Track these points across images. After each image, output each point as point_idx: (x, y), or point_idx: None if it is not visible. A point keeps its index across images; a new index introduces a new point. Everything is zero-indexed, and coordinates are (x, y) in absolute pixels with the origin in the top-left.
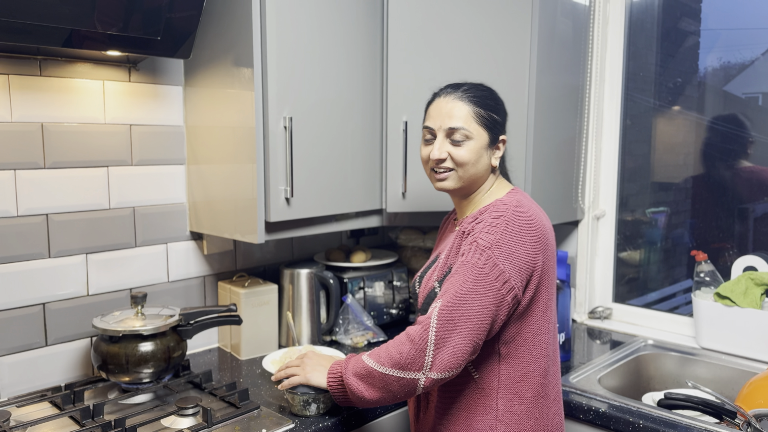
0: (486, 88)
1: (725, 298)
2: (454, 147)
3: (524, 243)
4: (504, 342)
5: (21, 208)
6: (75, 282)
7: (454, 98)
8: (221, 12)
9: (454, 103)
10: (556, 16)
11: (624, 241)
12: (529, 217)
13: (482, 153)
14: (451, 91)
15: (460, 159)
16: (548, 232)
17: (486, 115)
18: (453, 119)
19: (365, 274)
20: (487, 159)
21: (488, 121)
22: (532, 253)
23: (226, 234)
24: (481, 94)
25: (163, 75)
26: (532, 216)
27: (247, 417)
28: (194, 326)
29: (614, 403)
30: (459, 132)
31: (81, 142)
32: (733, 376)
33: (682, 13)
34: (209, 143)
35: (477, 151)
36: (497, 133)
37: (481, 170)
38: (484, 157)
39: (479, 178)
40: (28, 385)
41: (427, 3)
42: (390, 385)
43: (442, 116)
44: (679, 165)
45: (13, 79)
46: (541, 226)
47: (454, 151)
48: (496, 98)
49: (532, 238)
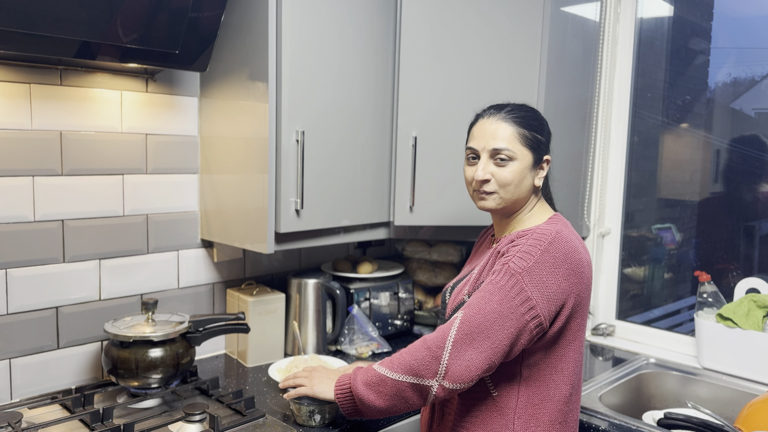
0: (530, 108)
1: (727, 319)
2: (497, 168)
3: (557, 274)
4: (527, 365)
5: (38, 214)
6: (88, 287)
7: (497, 119)
8: (238, 26)
9: (498, 124)
10: (566, 34)
11: (628, 257)
12: (567, 250)
13: (526, 174)
14: (494, 112)
15: (503, 180)
16: (585, 264)
17: (530, 136)
18: (497, 140)
19: (371, 285)
20: (530, 180)
21: (532, 142)
22: (565, 285)
23: (237, 243)
24: (525, 115)
25: (179, 86)
26: (570, 248)
27: (252, 425)
28: (203, 333)
29: (615, 421)
30: (503, 153)
31: (98, 151)
32: (734, 397)
33: (692, 32)
34: (222, 154)
35: (521, 172)
36: (541, 153)
37: (524, 191)
38: (528, 178)
39: (521, 199)
40: (39, 386)
41: (439, 22)
42: (402, 392)
43: (486, 137)
44: (685, 182)
45: (35, 88)
46: (578, 260)
47: (497, 172)
48: (539, 118)
49: (567, 271)
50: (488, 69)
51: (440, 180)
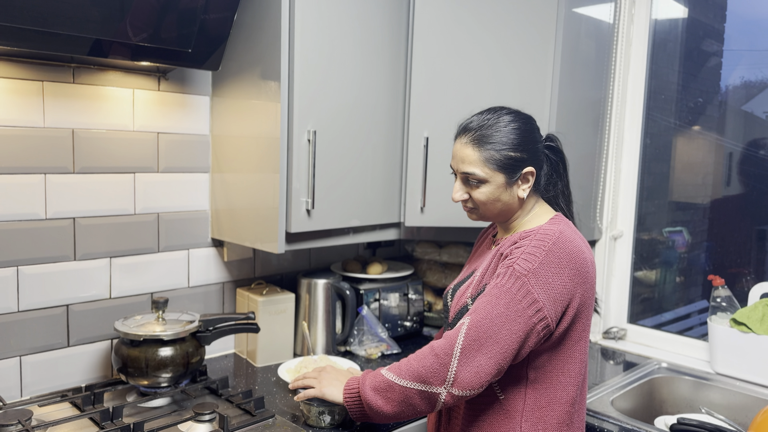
0: (507, 120)
1: (741, 324)
2: (472, 189)
3: (562, 275)
4: (533, 367)
5: (50, 212)
6: (98, 285)
7: (465, 143)
8: (250, 25)
9: (465, 149)
10: (580, 35)
11: (639, 260)
12: (570, 250)
13: (500, 193)
14: (463, 134)
15: (478, 200)
16: (589, 264)
17: (499, 157)
18: (465, 165)
19: (381, 286)
20: (508, 195)
21: (502, 163)
22: (570, 285)
23: (247, 243)
24: (493, 134)
25: (191, 85)
26: (574, 248)
27: (262, 425)
28: (213, 333)
29: (626, 426)
30: (471, 177)
31: (109, 149)
32: (747, 402)
33: (705, 34)
34: (233, 153)
35: (492, 193)
36: (516, 169)
37: (506, 204)
38: (504, 195)
39: (508, 210)
40: (48, 384)
41: (452, 22)
42: (410, 398)
43: (456, 161)
44: (697, 185)
45: (47, 85)
46: (581, 259)
47: (472, 193)
48: (516, 130)
49: (571, 271)
50: (501, 70)
51: (452, 181)
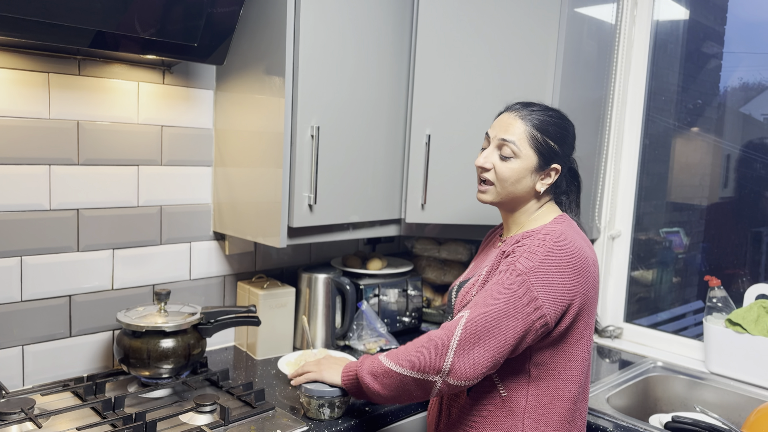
0: (558, 116)
1: (737, 324)
2: (500, 161)
3: (562, 275)
4: (535, 364)
5: (54, 203)
6: (101, 276)
7: (517, 115)
8: (256, 20)
9: (514, 120)
10: (582, 35)
11: (636, 260)
12: (571, 250)
13: (525, 175)
14: (518, 108)
15: (501, 174)
16: (590, 264)
17: (541, 140)
18: (507, 133)
19: (380, 281)
20: (529, 182)
21: (541, 146)
22: (570, 285)
23: (249, 236)
24: (546, 120)
25: (195, 79)
26: (575, 248)
27: (262, 417)
28: (214, 325)
29: (621, 423)
30: (508, 146)
31: (114, 141)
32: (741, 402)
33: (706, 36)
34: (237, 147)
35: (520, 172)
36: (549, 160)
37: (521, 191)
38: (527, 180)
39: (520, 199)
40: (50, 374)
41: (455, 20)
42: (406, 385)
43: (499, 127)
44: (695, 186)
45: (53, 77)
46: (582, 259)
47: (499, 165)
48: (562, 127)
49: (572, 271)
50: (503, 68)
51: (453, 178)
